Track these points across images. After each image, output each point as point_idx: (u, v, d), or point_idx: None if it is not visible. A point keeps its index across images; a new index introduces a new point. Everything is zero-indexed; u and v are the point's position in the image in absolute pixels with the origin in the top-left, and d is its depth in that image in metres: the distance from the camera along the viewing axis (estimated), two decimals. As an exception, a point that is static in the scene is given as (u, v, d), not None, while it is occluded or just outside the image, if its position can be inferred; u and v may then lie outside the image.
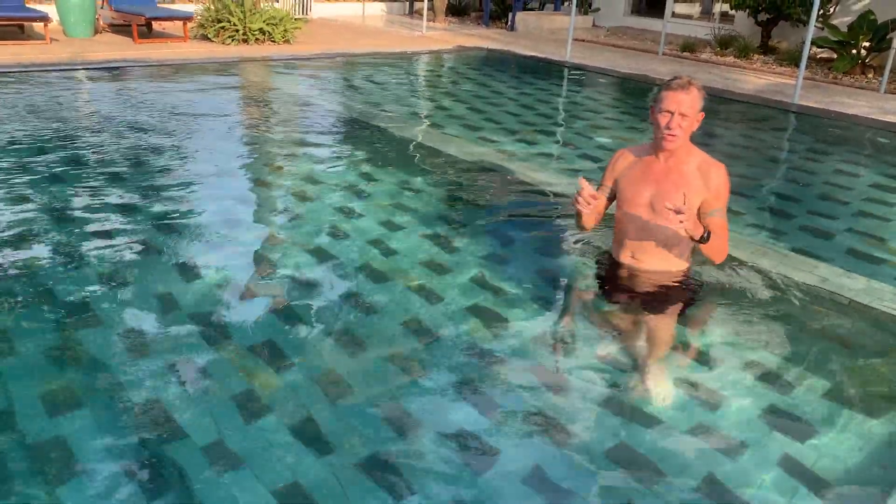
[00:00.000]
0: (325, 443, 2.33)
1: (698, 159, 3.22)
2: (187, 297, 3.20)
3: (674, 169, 3.22)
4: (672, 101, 3.06)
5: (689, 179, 3.19)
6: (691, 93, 3.05)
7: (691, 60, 11.67)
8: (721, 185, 3.18)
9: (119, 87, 7.67)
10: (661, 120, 3.12)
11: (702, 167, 3.19)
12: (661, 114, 3.11)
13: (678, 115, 3.06)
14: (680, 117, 3.06)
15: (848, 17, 11.10)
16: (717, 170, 3.19)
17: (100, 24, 11.14)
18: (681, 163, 3.21)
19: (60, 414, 2.39)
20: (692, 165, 3.20)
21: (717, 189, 3.17)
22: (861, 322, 3.31)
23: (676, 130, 3.08)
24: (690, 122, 3.09)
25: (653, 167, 3.28)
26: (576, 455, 2.35)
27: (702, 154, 3.25)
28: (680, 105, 3.05)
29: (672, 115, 3.07)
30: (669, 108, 3.07)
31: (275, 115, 6.83)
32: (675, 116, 3.06)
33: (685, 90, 3.04)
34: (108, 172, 4.80)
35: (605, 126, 7.15)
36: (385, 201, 4.53)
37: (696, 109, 3.09)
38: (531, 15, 15.53)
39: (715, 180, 3.17)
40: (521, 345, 2.97)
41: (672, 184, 3.20)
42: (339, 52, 10.77)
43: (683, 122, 3.07)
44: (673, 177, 3.21)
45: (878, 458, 2.41)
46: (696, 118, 3.11)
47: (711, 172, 3.17)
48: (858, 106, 8.41)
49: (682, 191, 3.10)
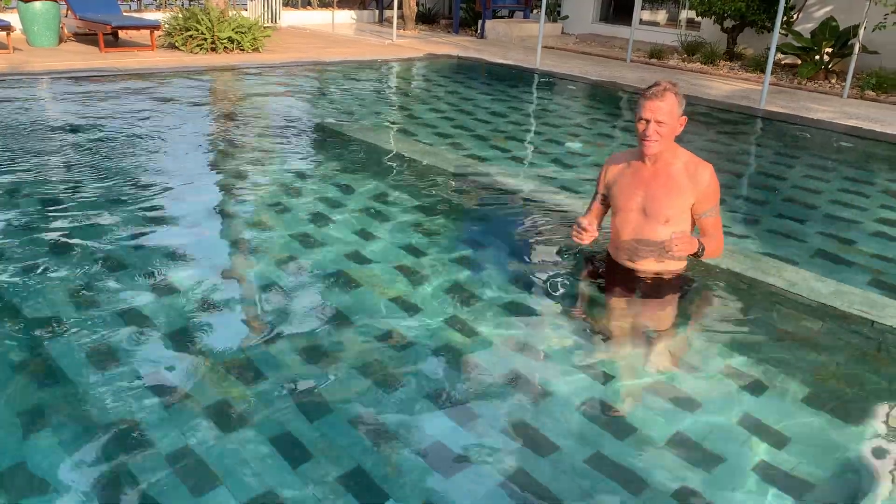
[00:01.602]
0: (301, 456, 2.30)
1: (685, 160, 3.27)
2: (157, 310, 3.14)
3: (661, 172, 3.27)
4: (648, 108, 3.12)
5: (677, 181, 3.25)
6: (667, 99, 3.10)
7: (659, 67, 11.80)
8: (709, 185, 3.24)
9: (84, 96, 7.55)
10: (639, 127, 3.19)
11: (688, 167, 3.25)
12: (639, 121, 3.18)
13: (654, 123, 3.12)
14: (656, 124, 3.12)
15: (811, 24, 11.30)
16: (704, 169, 3.24)
17: (64, 33, 10.97)
18: (668, 165, 3.27)
19: (27, 430, 2.33)
20: (679, 167, 3.26)
21: (706, 189, 3.23)
22: (831, 325, 3.35)
23: (654, 137, 3.14)
24: (669, 128, 3.14)
25: (641, 172, 3.33)
26: (557, 464, 2.34)
27: (688, 154, 3.31)
28: (655, 112, 3.10)
29: (648, 122, 3.13)
30: (645, 116, 3.13)
31: (245, 125, 6.77)
32: (650, 124, 3.13)
33: (660, 98, 3.10)
34: (73, 185, 4.71)
35: (576, 132, 7.19)
36: (358, 210, 4.50)
37: (674, 115, 3.14)
38: (501, 22, 15.60)
39: (702, 180, 3.22)
40: (497, 353, 2.96)
41: (661, 187, 3.26)
42: (309, 61, 10.72)
43: (660, 128, 3.12)
44: (661, 179, 3.27)
45: (851, 461, 2.43)
46: (675, 123, 3.17)
47: (698, 172, 3.24)
48: (823, 111, 8.56)
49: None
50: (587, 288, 3.63)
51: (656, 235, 3.31)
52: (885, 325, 3.30)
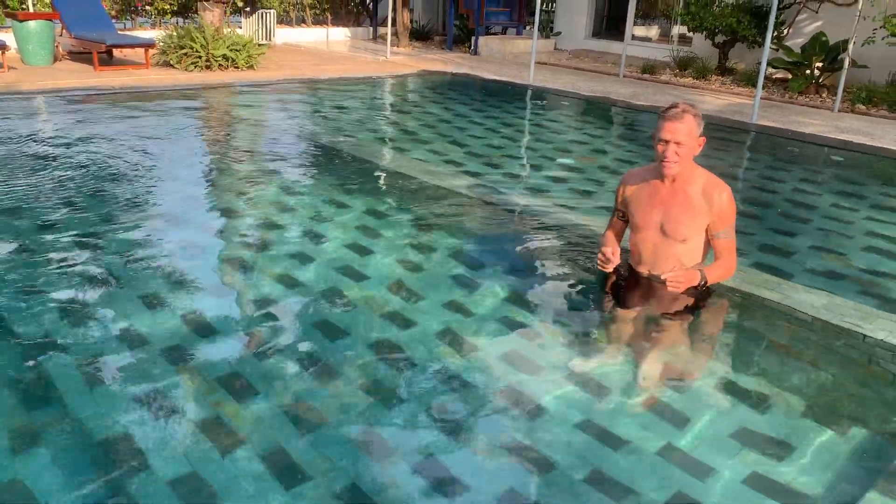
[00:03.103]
0: (298, 473, 2.30)
1: (703, 180, 3.32)
2: (152, 328, 3.14)
3: (679, 191, 3.32)
4: (667, 130, 3.18)
5: (693, 202, 3.31)
6: (686, 121, 3.16)
7: (651, 82, 11.88)
8: (724, 207, 3.29)
9: (78, 114, 7.57)
10: (658, 149, 3.24)
11: (706, 189, 3.30)
12: (659, 143, 3.23)
13: (673, 144, 3.18)
14: (675, 145, 3.18)
15: (801, 39, 11.41)
16: (720, 191, 3.29)
17: (59, 52, 11.00)
18: (686, 184, 3.32)
19: (21, 451, 2.33)
20: (697, 187, 3.32)
21: (721, 211, 3.28)
22: (823, 338, 3.36)
23: (673, 158, 3.20)
24: (688, 149, 3.20)
25: (659, 191, 3.38)
26: (552, 479, 2.34)
27: (707, 175, 3.35)
28: (675, 134, 3.16)
29: (668, 143, 3.19)
30: (665, 138, 3.19)
31: (240, 142, 6.79)
32: (670, 145, 3.19)
33: (679, 119, 3.16)
34: (68, 203, 4.72)
35: (569, 148, 7.23)
36: (352, 226, 4.51)
37: (693, 136, 3.19)
38: (494, 39, 15.70)
39: (717, 202, 3.28)
40: (491, 368, 2.96)
41: (679, 206, 3.32)
42: (303, 78, 10.76)
43: (680, 149, 3.18)
44: (679, 199, 3.32)
45: (843, 473, 2.44)
46: (694, 144, 3.22)
47: (714, 194, 3.29)
48: (814, 125, 8.62)
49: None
50: (578, 302, 3.64)
51: (675, 254, 3.37)
52: (877, 339, 3.32)
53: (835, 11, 11.10)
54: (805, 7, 11.48)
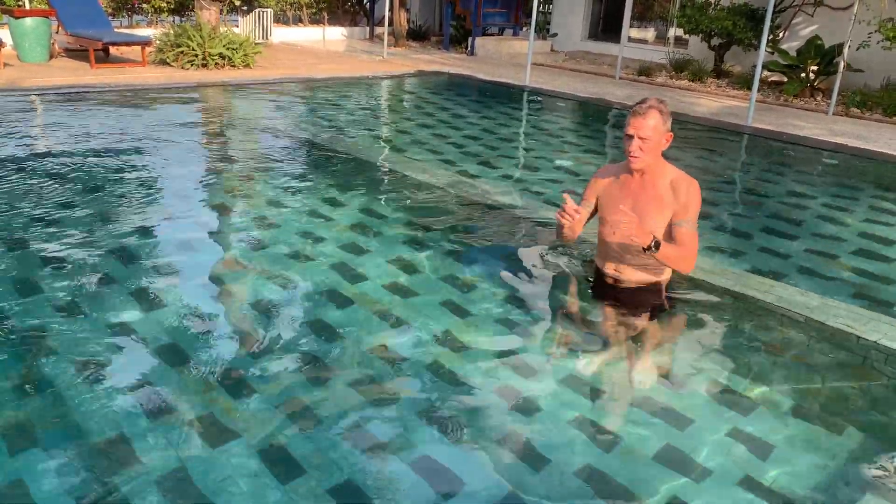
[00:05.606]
0: (292, 470, 2.30)
1: (672, 175, 3.32)
2: (147, 325, 3.14)
3: (649, 185, 3.33)
4: (632, 125, 3.20)
5: (662, 195, 3.31)
6: (651, 116, 3.16)
7: (647, 84, 11.91)
8: (690, 199, 3.28)
9: (74, 112, 7.56)
10: (624, 143, 3.27)
11: (674, 182, 3.31)
12: (625, 137, 3.25)
13: (637, 139, 3.18)
14: (640, 140, 3.18)
15: (796, 42, 11.46)
16: (689, 184, 3.30)
17: (55, 49, 10.98)
18: (655, 179, 3.33)
19: (15, 448, 2.33)
20: (666, 181, 3.31)
21: (686, 202, 3.27)
22: (817, 339, 3.38)
23: (636, 152, 3.21)
24: (653, 144, 3.19)
25: (629, 184, 3.39)
26: (546, 479, 2.35)
27: (676, 171, 3.36)
28: (639, 129, 3.17)
29: (632, 138, 3.19)
30: (630, 133, 3.21)
31: (236, 141, 6.79)
32: (634, 140, 3.19)
33: (644, 115, 3.16)
34: (64, 200, 4.71)
35: (565, 149, 7.25)
36: (349, 226, 4.52)
37: (659, 132, 3.19)
38: (490, 40, 15.72)
39: (685, 193, 3.28)
40: (487, 367, 2.97)
41: (647, 198, 3.32)
42: (300, 77, 10.76)
43: (644, 144, 3.19)
44: (648, 193, 3.32)
45: (836, 474, 2.45)
46: (660, 139, 3.22)
47: (682, 186, 3.29)
48: (809, 128, 8.66)
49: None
50: (577, 303, 3.66)
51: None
52: (869, 341, 3.34)
53: (830, 15, 11.15)
54: (801, 10, 11.52)
